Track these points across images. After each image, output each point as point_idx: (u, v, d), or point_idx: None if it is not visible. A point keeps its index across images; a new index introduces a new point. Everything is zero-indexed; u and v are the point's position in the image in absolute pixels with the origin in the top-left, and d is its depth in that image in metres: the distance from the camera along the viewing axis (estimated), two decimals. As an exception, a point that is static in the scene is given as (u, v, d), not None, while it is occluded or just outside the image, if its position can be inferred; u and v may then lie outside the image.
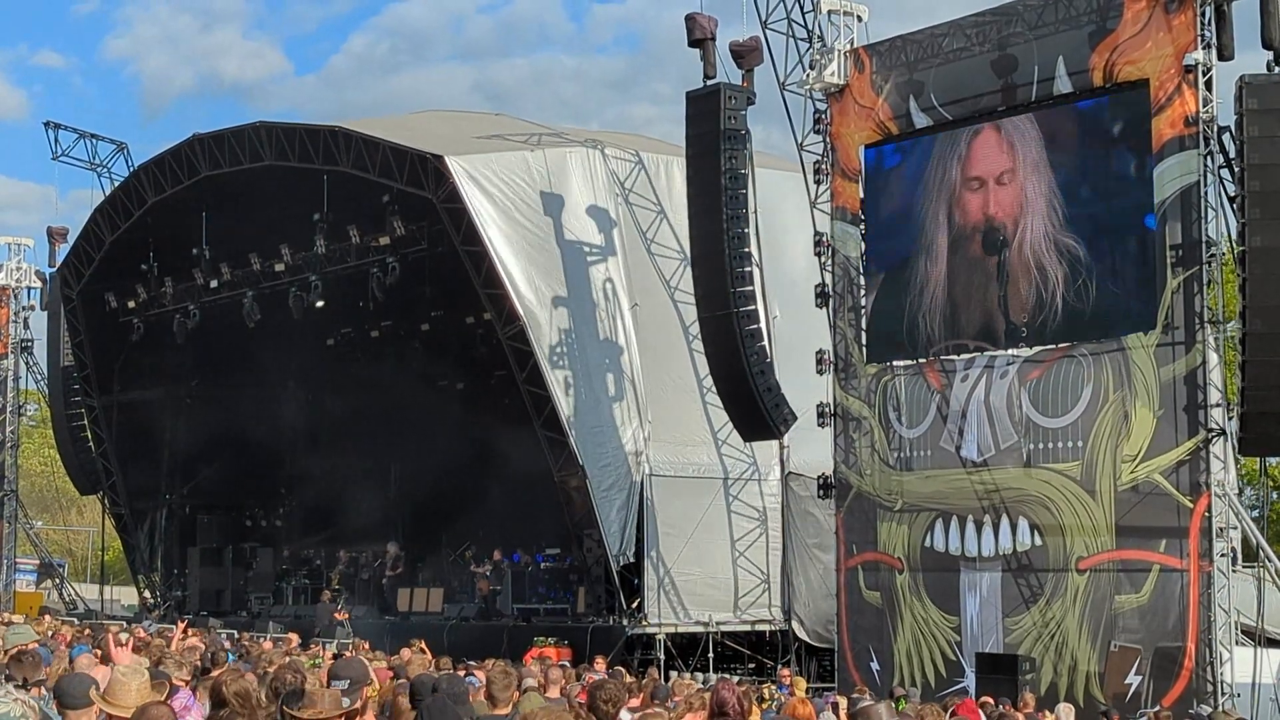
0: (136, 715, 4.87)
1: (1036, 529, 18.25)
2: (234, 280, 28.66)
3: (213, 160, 27.19)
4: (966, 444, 18.94)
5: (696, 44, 21.16)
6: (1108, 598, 17.59)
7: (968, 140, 19.38)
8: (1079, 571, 17.83)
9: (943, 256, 19.64)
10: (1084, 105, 18.35)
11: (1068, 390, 18.10)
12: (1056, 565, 18.04)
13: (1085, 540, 17.81)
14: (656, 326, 24.22)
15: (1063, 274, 18.37)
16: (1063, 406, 18.12)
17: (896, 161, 20.31)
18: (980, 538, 18.74)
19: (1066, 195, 18.43)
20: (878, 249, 20.48)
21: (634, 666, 21.81)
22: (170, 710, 4.91)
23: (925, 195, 19.84)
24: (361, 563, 30.12)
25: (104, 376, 31.94)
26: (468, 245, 23.27)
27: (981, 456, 18.77)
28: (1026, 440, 18.36)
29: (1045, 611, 18.07)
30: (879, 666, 19.60)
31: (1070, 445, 18.02)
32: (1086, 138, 18.34)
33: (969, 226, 19.37)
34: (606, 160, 24.54)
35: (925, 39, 19.77)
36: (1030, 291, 18.67)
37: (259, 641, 18.65)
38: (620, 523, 23.24)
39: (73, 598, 36.18)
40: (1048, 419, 18.22)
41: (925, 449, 19.52)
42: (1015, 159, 18.89)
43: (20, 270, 33.57)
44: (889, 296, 20.22)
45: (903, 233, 20.15)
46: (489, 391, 28.24)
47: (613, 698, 7.22)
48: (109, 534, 35.22)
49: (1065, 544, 17.98)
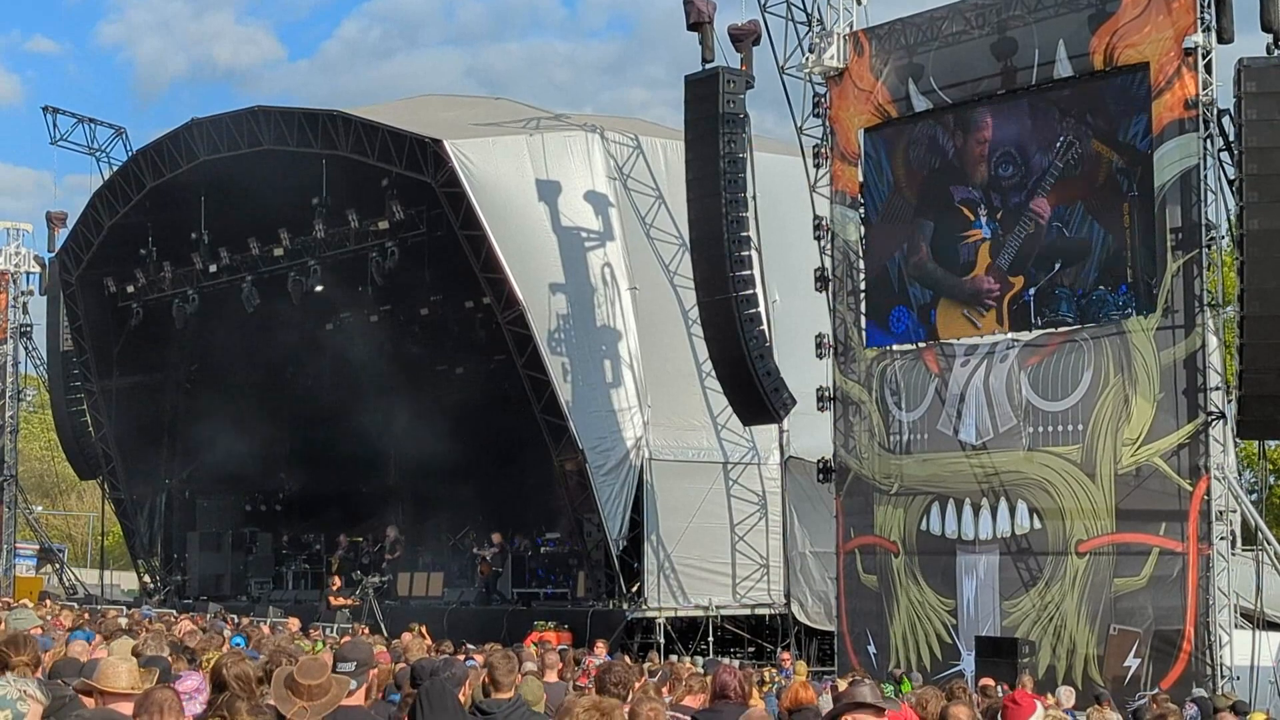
0: (141, 699, 4.87)
1: (1036, 512, 18.27)
2: (233, 265, 28.64)
3: (211, 145, 27.15)
4: (965, 427, 18.95)
5: (695, 27, 21.11)
6: (1107, 581, 17.62)
7: (968, 122, 19.35)
8: (1079, 554, 17.86)
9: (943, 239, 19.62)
10: (1084, 88, 18.30)
11: (1068, 374, 18.10)
12: (1056, 548, 18.07)
13: (1085, 523, 17.83)
14: (655, 311, 24.22)
15: (1063, 258, 18.37)
16: (1063, 390, 18.13)
17: (896, 144, 20.27)
18: (978, 521, 18.76)
19: (1066, 177, 18.40)
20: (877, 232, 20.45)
21: (634, 650, 21.88)
22: (174, 693, 4.91)
23: (926, 177, 19.82)
24: (361, 547, 30.16)
25: (103, 361, 31.94)
26: (467, 230, 23.25)
27: (980, 440, 18.79)
28: (1026, 424, 18.36)
29: (1044, 594, 18.10)
30: (876, 650, 19.64)
31: (1071, 429, 18.02)
32: (1085, 120, 18.30)
33: (970, 208, 19.35)
34: (605, 144, 24.51)
35: (924, 22, 19.72)
36: (1030, 276, 18.65)
37: (259, 626, 18.69)
38: (620, 507, 23.28)
39: (73, 583, 36.25)
40: (1048, 403, 18.22)
41: (922, 432, 19.52)
42: (1014, 140, 18.87)
43: (19, 255, 33.56)
44: (886, 280, 20.20)
45: (903, 216, 20.13)
46: (488, 376, 28.25)
47: (622, 680, 7.25)
48: (109, 519, 35.28)
49: (1065, 527, 18.00)
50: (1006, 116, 19.03)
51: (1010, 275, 18.89)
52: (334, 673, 5.61)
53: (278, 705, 5.27)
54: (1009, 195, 18.99)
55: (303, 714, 5.18)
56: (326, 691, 5.28)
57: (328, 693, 5.28)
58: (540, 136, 24.31)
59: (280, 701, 5.27)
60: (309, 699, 5.21)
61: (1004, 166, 19.02)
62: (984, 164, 19.18)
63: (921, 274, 19.85)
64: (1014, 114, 18.96)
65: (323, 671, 5.31)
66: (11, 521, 34.39)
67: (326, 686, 5.28)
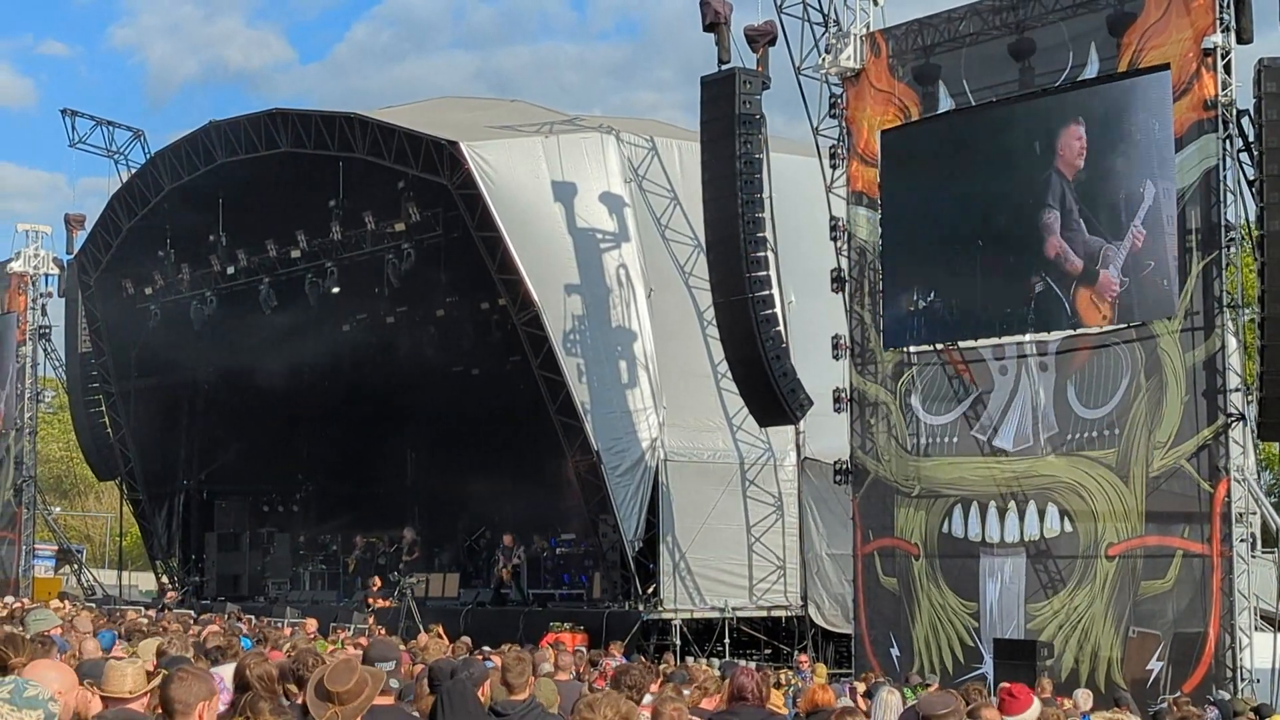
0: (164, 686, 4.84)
1: (1066, 515, 18.12)
2: (250, 267, 28.73)
3: (229, 147, 27.24)
4: (1003, 434, 18.76)
5: (711, 28, 21.08)
6: (1135, 584, 17.54)
7: (989, 124, 19.30)
8: (1108, 558, 17.76)
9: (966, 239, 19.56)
10: (1103, 88, 18.23)
11: (1107, 379, 17.99)
12: (1085, 552, 17.96)
13: (1116, 526, 17.74)
14: (671, 312, 24.20)
15: (1090, 260, 18.28)
16: (1104, 396, 18.00)
17: (914, 145, 20.22)
18: (1004, 524, 18.64)
19: (1091, 180, 18.32)
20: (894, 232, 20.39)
21: (650, 652, 21.86)
22: (209, 682, 4.87)
23: (947, 178, 19.76)
24: (378, 548, 30.20)
25: (121, 363, 32.07)
26: (482, 231, 23.27)
27: (1018, 446, 18.63)
28: (1067, 429, 18.23)
29: (1071, 597, 18.00)
30: (899, 653, 19.57)
31: (1108, 433, 17.91)
32: (1106, 121, 18.23)
33: (994, 209, 19.29)
34: (620, 146, 24.50)
35: (942, 23, 19.67)
36: (1058, 278, 18.56)
37: (277, 627, 18.73)
38: (635, 508, 23.26)
39: (91, 583, 36.35)
40: (1090, 410, 18.08)
41: (950, 436, 19.40)
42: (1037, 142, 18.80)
43: (38, 257, 33.63)
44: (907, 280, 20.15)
45: (921, 216, 20.08)
46: (504, 377, 28.26)
47: (637, 683, 7.25)
48: (127, 520, 35.40)
49: (1096, 530, 17.89)
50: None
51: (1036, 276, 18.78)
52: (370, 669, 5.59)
53: (311, 711, 5.27)
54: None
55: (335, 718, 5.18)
56: (358, 695, 5.26)
57: (360, 695, 5.27)
58: (556, 138, 24.32)
59: (313, 707, 5.27)
60: (340, 704, 5.21)
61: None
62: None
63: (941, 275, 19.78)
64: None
65: (352, 675, 5.29)
66: (30, 522, 34.48)
67: (358, 690, 5.27)
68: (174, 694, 4.70)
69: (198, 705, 4.68)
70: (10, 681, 3.93)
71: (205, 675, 4.86)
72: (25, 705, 3.85)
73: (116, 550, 41.16)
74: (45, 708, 3.88)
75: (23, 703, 3.85)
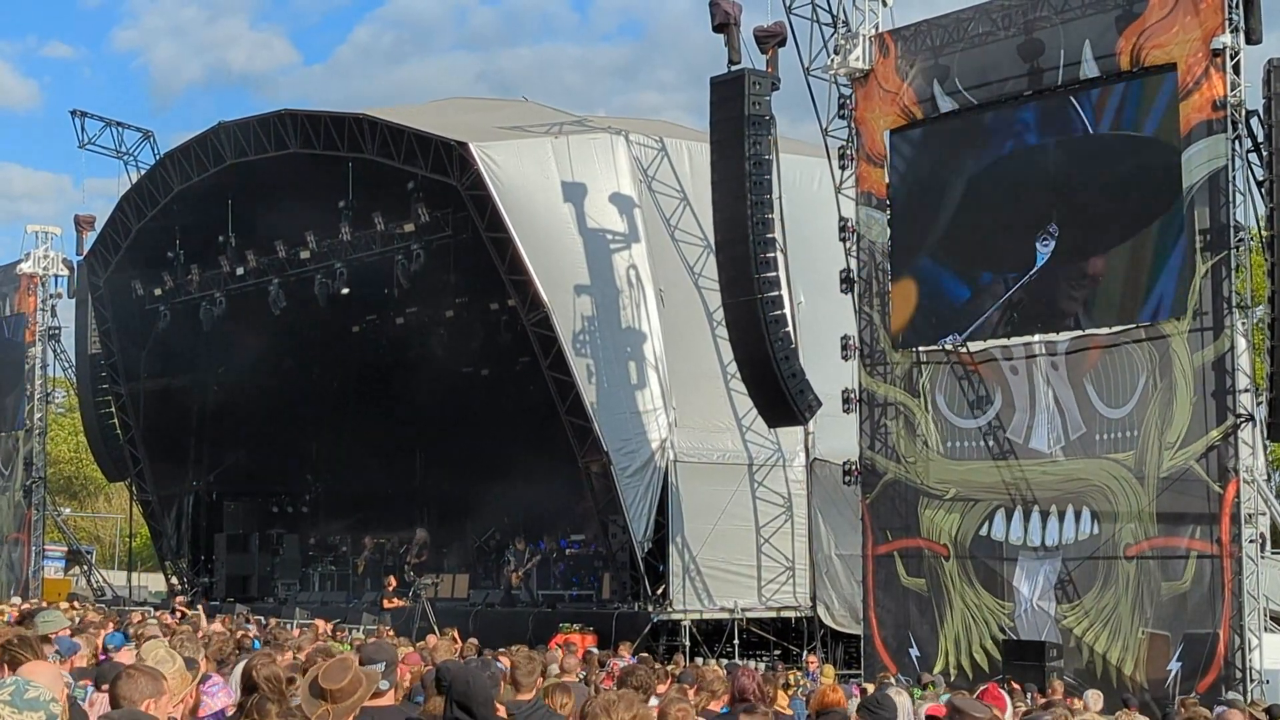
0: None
1: (1096, 517, 18.13)
2: (260, 268, 28.78)
3: (239, 148, 27.29)
4: (1036, 436, 18.71)
5: (720, 29, 21.09)
6: (1156, 584, 17.53)
7: (996, 123, 19.28)
8: (1128, 559, 17.75)
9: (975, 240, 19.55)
10: (1112, 89, 18.21)
11: (1124, 379, 17.96)
12: (1109, 553, 17.96)
13: (1133, 528, 17.74)
14: (680, 312, 24.20)
15: (1101, 261, 18.25)
16: (1123, 396, 17.97)
17: (923, 145, 20.21)
18: (1045, 528, 18.57)
19: (1100, 178, 18.30)
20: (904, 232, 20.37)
21: (659, 653, 21.85)
22: (158, 681, 4.95)
23: (955, 178, 19.75)
24: (387, 549, 30.25)
25: (131, 364, 32.13)
26: (492, 232, 23.29)
27: (1052, 447, 18.59)
28: (1094, 430, 18.20)
29: (1099, 598, 17.98)
30: (919, 653, 19.52)
31: (1127, 435, 17.89)
32: (1114, 121, 18.20)
33: (1001, 210, 19.27)
34: (630, 147, 24.52)
35: (950, 23, 19.67)
36: (1068, 280, 18.53)
37: (287, 628, 18.75)
38: (645, 509, 23.25)
39: (100, 584, 36.45)
40: (1112, 410, 18.06)
41: (980, 439, 19.29)
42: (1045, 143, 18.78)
43: (48, 258, 33.74)
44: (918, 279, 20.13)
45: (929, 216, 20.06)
46: (513, 378, 28.29)
47: (643, 684, 7.25)
48: (136, 521, 35.52)
49: (1117, 531, 17.89)
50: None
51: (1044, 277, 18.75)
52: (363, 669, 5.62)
53: (304, 708, 5.29)
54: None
55: (326, 717, 5.19)
56: (351, 694, 5.28)
57: (352, 695, 5.29)
58: (565, 139, 24.33)
59: (306, 704, 5.29)
60: (333, 701, 5.23)
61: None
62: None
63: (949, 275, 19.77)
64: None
65: (345, 673, 5.32)
66: (40, 523, 34.59)
67: (350, 689, 5.29)
68: (121, 691, 4.79)
69: (143, 703, 4.74)
70: (11, 683, 3.92)
71: (155, 674, 4.91)
72: (26, 707, 3.84)
73: (126, 551, 41.31)
74: (46, 709, 3.87)
75: (24, 704, 3.85)
